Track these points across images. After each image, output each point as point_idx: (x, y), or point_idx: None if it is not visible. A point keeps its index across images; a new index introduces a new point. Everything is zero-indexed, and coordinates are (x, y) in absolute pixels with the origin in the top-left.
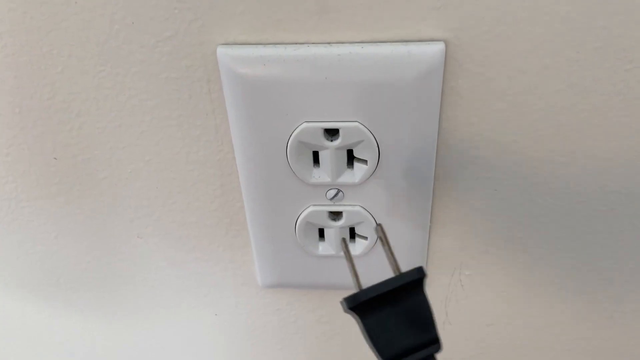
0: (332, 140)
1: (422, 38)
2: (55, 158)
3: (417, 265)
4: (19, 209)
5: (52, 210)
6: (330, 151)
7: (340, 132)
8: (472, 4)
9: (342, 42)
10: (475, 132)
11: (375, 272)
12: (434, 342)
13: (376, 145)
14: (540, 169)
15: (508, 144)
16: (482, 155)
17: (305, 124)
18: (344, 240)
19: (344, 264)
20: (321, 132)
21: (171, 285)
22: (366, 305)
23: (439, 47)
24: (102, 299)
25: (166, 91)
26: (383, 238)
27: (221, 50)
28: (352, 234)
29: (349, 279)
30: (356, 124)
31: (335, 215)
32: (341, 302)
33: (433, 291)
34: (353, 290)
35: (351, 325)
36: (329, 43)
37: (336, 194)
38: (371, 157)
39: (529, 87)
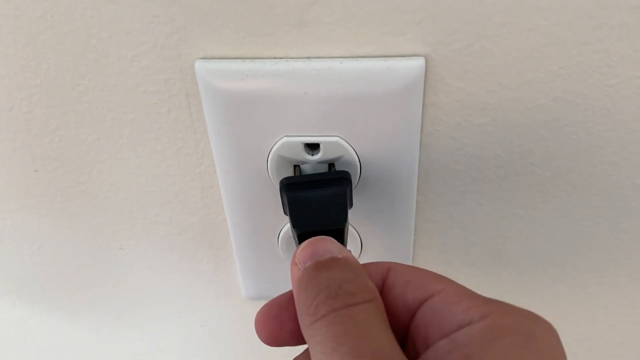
0: (312, 155)
1: (401, 53)
2: (35, 170)
3: None
4: (0, 220)
5: (34, 221)
6: (311, 165)
7: (321, 146)
8: (452, 19)
9: (321, 57)
10: (457, 147)
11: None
12: (340, 230)
13: (357, 160)
14: (524, 183)
15: (491, 158)
16: (464, 169)
17: (285, 139)
18: None
19: None
20: (302, 147)
21: (155, 297)
22: (294, 186)
23: (419, 62)
24: (85, 309)
25: (145, 105)
26: None
27: (199, 64)
28: None
29: None
30: (337, 138)
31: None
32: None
33: None
34: None
35: None
36: (308, 58)
37: None
38: (353, 172)
39: (511, 101)
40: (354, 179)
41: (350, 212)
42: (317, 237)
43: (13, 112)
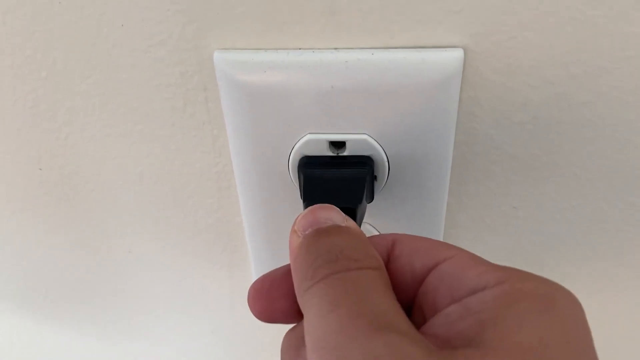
0: (338, 153)
1: (438, 44)
2: (40, 169)
3: None
4: (4, 221)
5: (39, 222)
6: None
7: (347, 145)
8: (494, 8)
9: (351, 48)
10: (494, 146)
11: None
12: (352, 212)
13: (386, 159)
14: (564, 186)
15: (529, 158)
16: (500, 170)
17: (309, 136)
18: None
19: None
20: (326, 145)
21: (165, 302)
22: (312, 165)
23: (457, 54)
24: (92, 314)
25: (159, 99)
26: None
27: (218, 56)
28: None
29: None
30: (365, 136)
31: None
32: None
33: None
34: None
35: None
36: (335, 49)
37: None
38: (380, 172)
39: (553, 98)
40: (382, 180)
41: (376, 214)
42: (321, 204)
43: (17, 106)
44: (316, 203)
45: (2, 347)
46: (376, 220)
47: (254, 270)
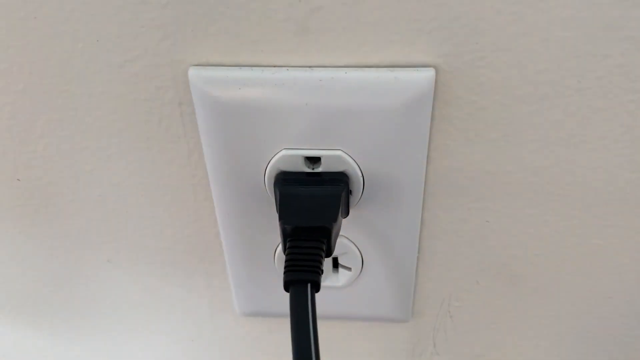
0: (313, 169)
1: (410, 63)
2: (18, 179)
3: (403, 295)
4: None
5: (16, 232)
6: None
7: (322, 160)
8: (465, 28)
9: (325, 66)
10: (467, 162)
11: (361, 303)
12: (327, 231)
13: (361, 174)
14: (536, 201)
15: (502, 174)
16: (473, 185)
17: (284, 151)
18: None
19: (326, 292)
20: (301, 160)
21: (145, 311)
22: (288, 181)
23: (429, 73)
24: (72, 323)
25: (135, 113)
26: None
27: (193, 72)
28: (335, 263)
29: (332, 307)
30: (339, 152)
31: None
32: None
33: (421, 322)
34: (337, 320)
35: (334, 353)
36: (310, 67)
37: None
38: (355, 187)
39: (525, 116)
40: (357, 195)
41: (352, 228)
42: None
43: None
44: (291, 222)
45: None
46: (352, 234)
47: (232, 280)
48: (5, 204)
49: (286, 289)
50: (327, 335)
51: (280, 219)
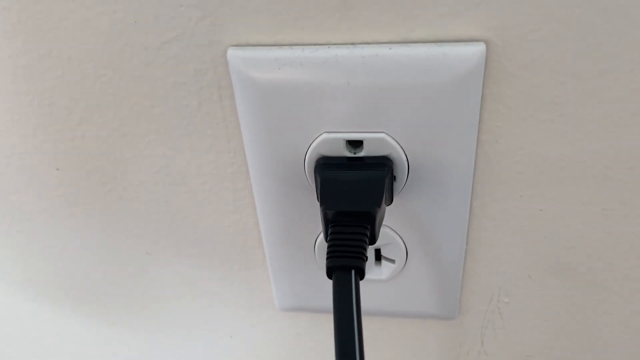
0: (355, 153)
1: (459, 38)
2: (57, 169)
3: (449, 290)
4: (23, 221)
5: (56, 223)
6: None
7: (365, 144)
8: None
9: (368, 43)
10: (519, 145)
11: (404, 298)
12: (371, 217)
13: (405, 159)
14: (593, 187)
15: (557, 158)
16: (526, 171)
17: (325, 135)
18: None
19: (368, 286)
20: (343, 144)
21: (183, 304)
22: (329, 166)
23: (479, 48)
24: (108, 317)
25: (173, 97)
26: None
27: (232, 52)
28: (378, 255)
29: (373, 302)
30: (382, 135)
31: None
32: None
33: (468, 319)
34: (378, 316)
35: (376, 352)
36: (352, 44)
37: None
38: (400, 173)
39: (582, 94)
40: (401, 181)
41: (395, 218)
42: None
43: (33, 105)
44: (333, 206)
45: (28, 345)
46: (396, 224)
47: (271, 273)
48: (46, 194)
49: (329, 275)
50: (366, 333)
51: (321, 204)
